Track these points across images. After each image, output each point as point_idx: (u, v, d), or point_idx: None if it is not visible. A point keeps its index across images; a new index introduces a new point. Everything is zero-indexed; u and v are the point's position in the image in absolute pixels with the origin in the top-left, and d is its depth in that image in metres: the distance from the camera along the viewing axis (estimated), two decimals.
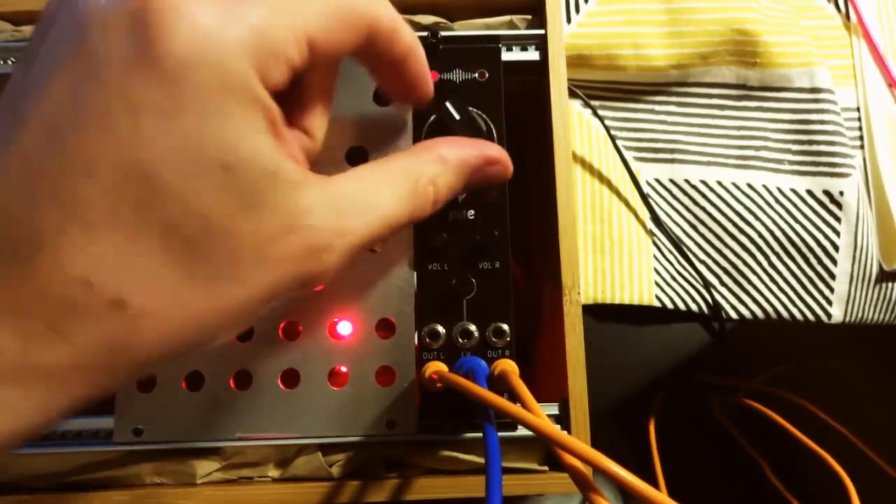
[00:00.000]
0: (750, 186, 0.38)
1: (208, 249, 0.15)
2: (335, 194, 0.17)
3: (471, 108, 0.25)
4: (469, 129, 0.25)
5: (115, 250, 0.14)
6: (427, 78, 0.21)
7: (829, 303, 0.37)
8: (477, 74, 0.26)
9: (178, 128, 0.14)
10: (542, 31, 0.28)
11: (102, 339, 0.14)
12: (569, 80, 0.28)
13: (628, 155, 0.39)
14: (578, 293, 0.26)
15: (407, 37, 0.19)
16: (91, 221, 0.14)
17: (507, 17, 0.29)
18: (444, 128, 0.24)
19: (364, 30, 0.18)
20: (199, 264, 0.15)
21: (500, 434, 0.19)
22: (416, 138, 0.26)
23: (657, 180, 0.39)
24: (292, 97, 0.19)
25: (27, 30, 0.29)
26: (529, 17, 0.29)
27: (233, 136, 0.15)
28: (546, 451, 0.26)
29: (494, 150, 0.22)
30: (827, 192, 0.37)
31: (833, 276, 0.37)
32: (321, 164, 0.25)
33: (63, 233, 0.14)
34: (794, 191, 0.38)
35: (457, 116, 0.24)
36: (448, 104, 0.24)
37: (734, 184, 0.38)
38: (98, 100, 0.14)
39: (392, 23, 0.19)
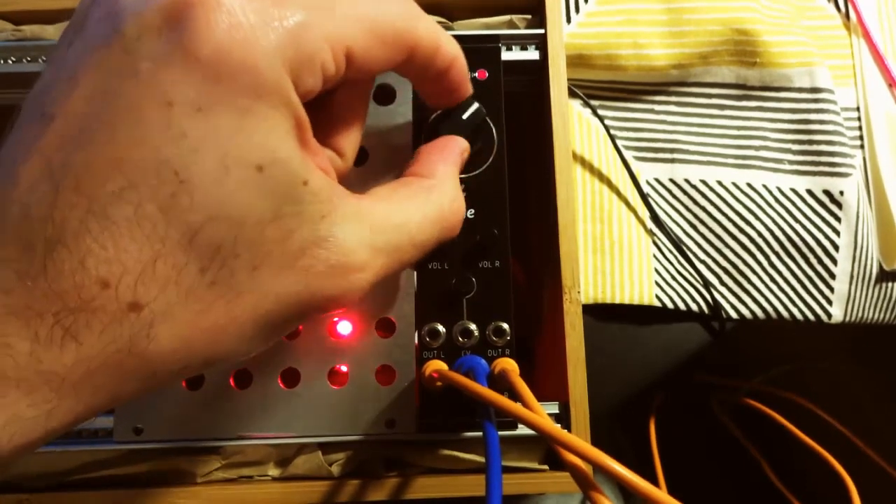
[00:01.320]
0: (750, 186, 0.38)
1: (233, 256, 0.15)
2: (367, 211, 0.17)
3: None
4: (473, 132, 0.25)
5: (138, 252, 0.14)
6: (465, 82, 0.21)
7: (829, 302, 0.37)
8: (477, 74, 0.26)
9: (212, 126, 0.14)
10: (541, 31, 0.28)
11: (115, 343, 0.14)
12: (569, 79, 0.28)
13: (628, 155, 0.39)
14: (578, 293, 0.26)
15: (447, 52, 0.19)
16: (115, 220, 0.14)
17: (506, 17, 0.29)
18: (440, 126, 0.24)
19: (404, 50, 0.18)
20: (222, 271, 0.15)
21: (500, 433, 0.19)
22: (416, 138, 0.26)
23: (657, 180, 0.39)
24: (325, 113, 0.19)
25: (27, 29, 0.29)
26: (529, 16, 0.29)
27: (267, 138, 0.15)
28: (546, 450, 0.26)
29: (463, 143, 0.23)
30: (827, 192, 0.37)
31: (833, 276, 0.37)
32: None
33: (85, 231, 0.14)
34: (794, 190, 0.38)
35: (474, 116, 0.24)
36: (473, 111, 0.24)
37: (734, 183, 0.38)
38: (131, 95, 0.14)
39: (432, 42, 0.19)
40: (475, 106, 0.24)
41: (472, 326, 0.24)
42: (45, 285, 0.13)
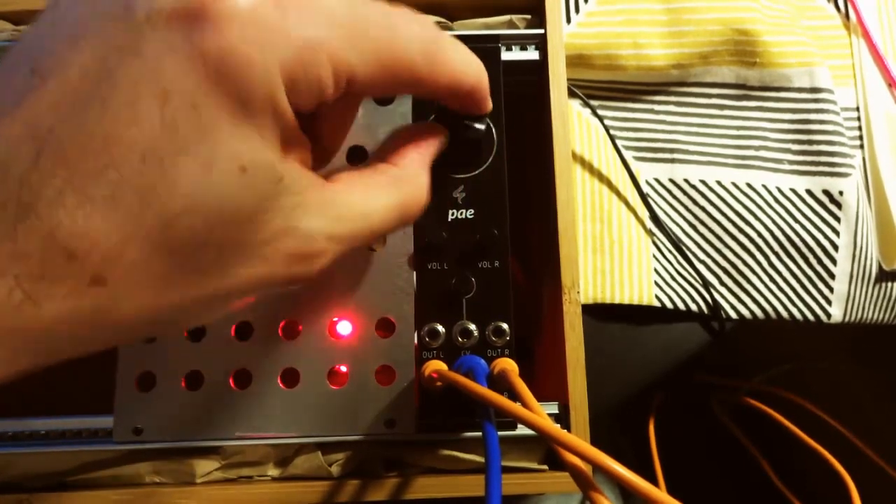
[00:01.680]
0: (749, 186, 0.38)
1: (203, 246, 0.15)
2: (333, 202, 0.18)
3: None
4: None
5: (109, 231, 0.14)
6: (484, 102, 0.21)
7: (829, 302, 0.37)
8: None
9: (205, 124, 0.14)
10: (541, 31, 0.28)
11: (75, 313, 0.14)
12: (569, 79, 0.28)
13: (628, 155, 0.39)
14: (578, 293, 0.26)
15: (466, 85, 0.19)
16: (92, 196, 0.14)
17: (506, 17, 0.29)
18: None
19: (411, 83, 0.18)
20: (191, 259, 0.15)
21: (499, 433, 0.19)
22: None
23: (657, 180, 0.39)
24: (318, 114, 0.19)
25: (27, 30, 0.29)
26: (529, 16, 0.29)
27: (253, 142, 0.15)
28: (546, 451, 0.26)
29: (441, 132, 0.22)
30: (826, 192, 0.37)
31: (833, 276, 0.37)
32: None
33: (61, 201, 0.14)
34: (793, 190, 0.38)
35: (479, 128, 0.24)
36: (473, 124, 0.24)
37: (734, 183, 0.38)
38: (130, 76, 0.14)
39: (450, 81, 0.19)
40: (482, 125, 0.24)
41: (472, 326, 0.24)
42: (11, 246, 0.13)
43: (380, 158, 0.20)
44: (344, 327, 0.25)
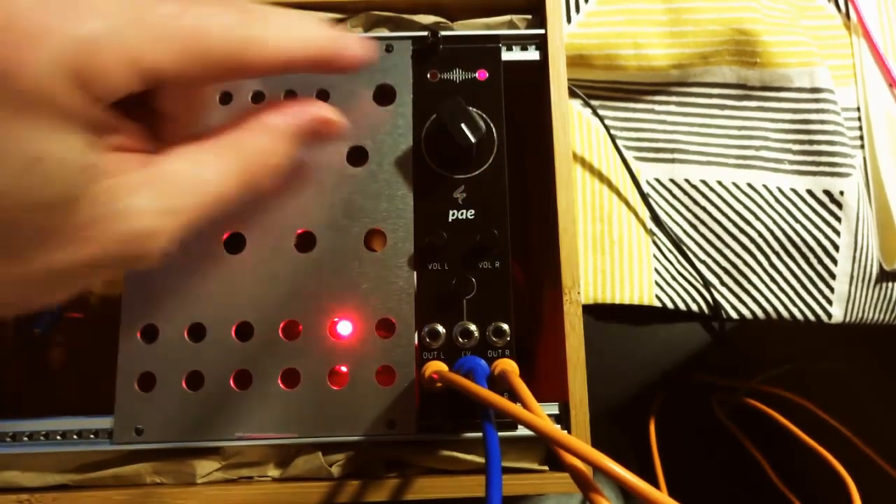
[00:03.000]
0: (750, 186, 0.38)
1: (17, 234, 0.15)
2: (159, 176, 0.17)
3: (470, 108, 0.25)
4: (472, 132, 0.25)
5: None
6: (336, 61, 0.20)
7: (830, 303, 0.37)
8: (477, 74, 0.26)
9: None
10: (542, 31, 0.28)
11: None
12: (569, 79, 0.28)
13: (628, 155, 0.39)
14: (578, 293, 0.26)
15: (270, 51, 0.18)
16: None
17: (507, 17, 0.29)
18: (443, 127, 0.24)
19: (234, 71, 0.18)
20: (5, 245, 0.16)
21: (500, 434, 0.19)
22: (416, 137, 0.26)
23: (657, 180, 0.39)
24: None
25: None
26: (529, 16, 0.29)
27: (44, 134, 0.15)
28: (546, 451, 0.26)
29: (324, 110, 0.21)
30: (827, 192, 0.37)
31: (833, 276, 0.37)
32: (321, 164, 0.26)
33: None
34: (794, 190, 0.38)
35: (471, 138, 0.24)
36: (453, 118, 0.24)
37: (734, 183, 0.38)
38: None
39: (274, 62, 0.18)
40: (473, 132, 0.24)
41: (472, 327, 0.24)
42: None
43: (233, 122, 0.20)
44: (344, 328, 0.25)
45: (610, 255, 0.37)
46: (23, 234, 0.16)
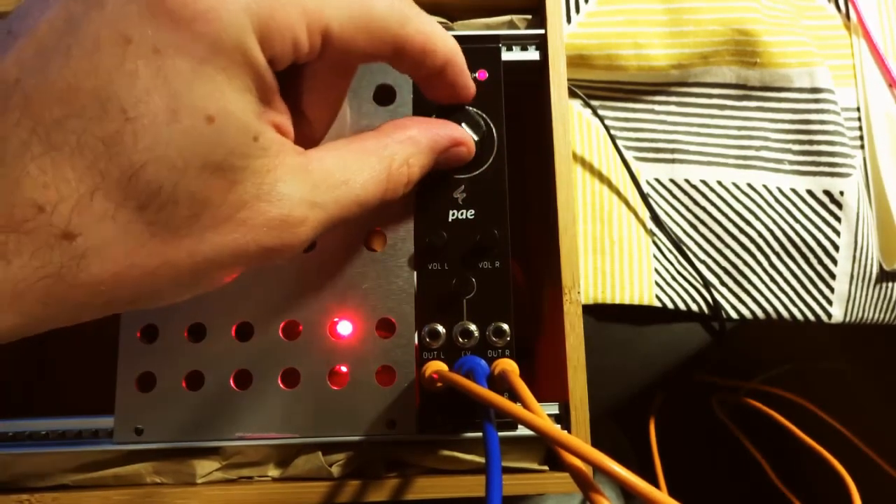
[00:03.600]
0: (750, 186, 0.38)
1: (172, 202, 0.15)
2: (312, 167, 0.17)
3: (470, 108, 0.25)
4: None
5: (77, 181, 0.14)
6: (465, 84, 0.22)
7: (830, 303, 0.37)
8: (477, 74, 0.26)
9: (167, 69, 0.14)
10: (542, 31, 0.28)
11: (44, 269, 0.14)
12: (569, 80, 0.28)
13: (628, 155, 0.39)
14: (578, 293, 0.26)
15: (440, 52, 0.19)
16: (57, 146, 0.14)
17: (507, 17, 0.29)
18: None
19: (388, 45, 0.18)
20: (161, 214, 0.15)
21: (500, 434, 0.19)
22: None
23: (657, 180, 0.39)
24: (301, 80, 0.19)
25: None
26: (529, 17, 0.29)
27: (221, 90, 0.15)
28: (546, 451, 0.26)
29: (459, 132, 0.22)
30: (827, 192, 0.37)
31: (833, 276, 0.37)
32: None
33: (26, 151, 0.14)
34: (794, 191, 0.38)
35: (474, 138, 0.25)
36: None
37: (734, 184, 0.38)
38: (92, 25, 0.14)
39: (424, 43, 0.19)
40: (476, 131, 0.24)
41: (472, 327, 0.24)
42: None
43: (378, 128, 0.20)
44: (344, 328, 0.25)
45: (610, 255, 0.37)
46: (181, 205, 0.15)
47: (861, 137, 0.39)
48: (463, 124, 0.24)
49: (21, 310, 0.14)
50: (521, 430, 0.25)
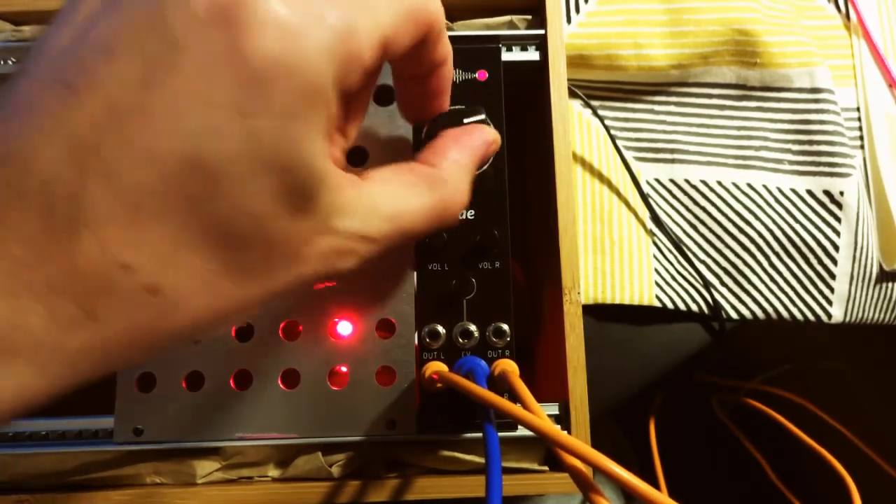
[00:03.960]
0: (750, 186, 0.38)
1: (249, 247, 0.15)
2: (364, 201, 0.17)
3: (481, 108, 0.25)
4: None
5: (161, 239, 0.14)
6: (448, 89, 0.21)
7: (830, 303, 0.37)
8: (477, 74, 0.26)
9: (251, 130, 0.14)
10: (542, 31, 0.28)
11: (131, 324, 0.14)
12: (569, 80, 0.28)
13: (628, 155, 0.39)
14: (578, 293, 0.26)
15: (448, 42, 0.19)
16: (142, 208, 0.14)
17: (507, 17, 0.29)
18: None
19: (425, 28, 0.18)
20: (237, 261, 0.15)
21: (500, 434, 0.19)
22: (416, 139, 0.26)
23: (657, 180, 0.39)
24: (348, 100, 0.19)
25: (27, 30, 0.29)
26: (529, 17, 0.29)
27: (299, 141, 0.15)
28: (546, 452, 0.26)
29: (489, 133, 0.22)
30: (827, 192, 0.37)
31: (833, 276, 0.37)
32: None
33: (111, 216, 0.14)
34: (794, 191, 0.38)
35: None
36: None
37: (734, 184, 0.38)
38: (172, 88, 0.14)
39: (442, 26, 0.19)
40: (481, 115, 0.24)
41: (472, 327, 0.24)
42: (66, 264, 0.13)
43: (418, 159, 0.20)
44: (344, 328, 0.25)
45: (610, 255, 0.37)
46: (256, 250, 0.15)
47: (861, 137, 0.39)
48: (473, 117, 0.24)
49: (104, 363, 0.15)
50: (521, 431, 0.25)
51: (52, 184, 0.13)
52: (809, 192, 0.37)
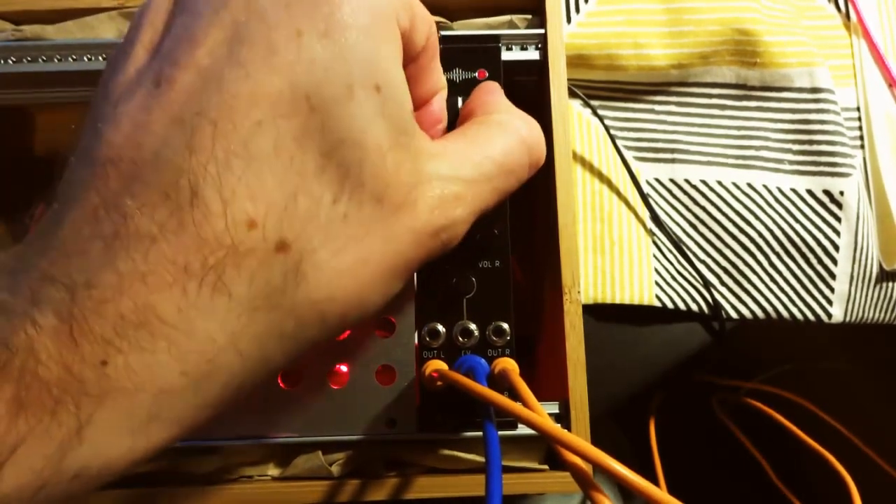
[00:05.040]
0: (750, 186, 0.38)
1: (360, 185, 0.15)
2: (447, 150, 0.17)
3: None
4: None
5: (279, 186, 0.14)
6: (439, 67, 0.21)
7: (830, 303, 0.37)
8: (477, 74, 0.26)
9: (338, 48, 0.14)
10: (542, 31, 0.28)
11: (266, 289, 0.14)
12: (569, 79, 0.28)
13: (628, 155, 0.39)
14: (578, 292, 0.26)
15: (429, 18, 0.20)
16: (256, 155, 0.14)
17: (507, 17, 0.29)
18: None
19: (412, 11, 0.18)
20: (351, 202, 0.15)
21: (500, 433, 0.19)
22: None
23: (657, 180, 0.39)
24: None
25: (27, 29, 0.29)
26: (529, 16, 0.29)
27: (384, 58, 0.15)
28: (546, 450, 0.26)
29: (494, 83, 0.24)
30: (827, 192, 0.37)
31: (833, 276, 0.37)
32: None
33: (228, 171, 0.13)
34: (794, 191, 0.38)
35: None
36: None
37: (734, 184, 0.38)
38: (260, 34, 0.14)
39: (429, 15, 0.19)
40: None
41: (472, 326, 0.24)
42: (192, 233, 0.13)
43: (470, 120, 0.20)
44: None
45: (610, 255, 0.37)
46: (367, 189, 0.15)
47: (861, 137, 0.39)
48: None
49: (238, 348, 0.14)
50: (522, 430, 0.25)
51: (159, 156, 0.13)
52: (809, 192, 0.37)
